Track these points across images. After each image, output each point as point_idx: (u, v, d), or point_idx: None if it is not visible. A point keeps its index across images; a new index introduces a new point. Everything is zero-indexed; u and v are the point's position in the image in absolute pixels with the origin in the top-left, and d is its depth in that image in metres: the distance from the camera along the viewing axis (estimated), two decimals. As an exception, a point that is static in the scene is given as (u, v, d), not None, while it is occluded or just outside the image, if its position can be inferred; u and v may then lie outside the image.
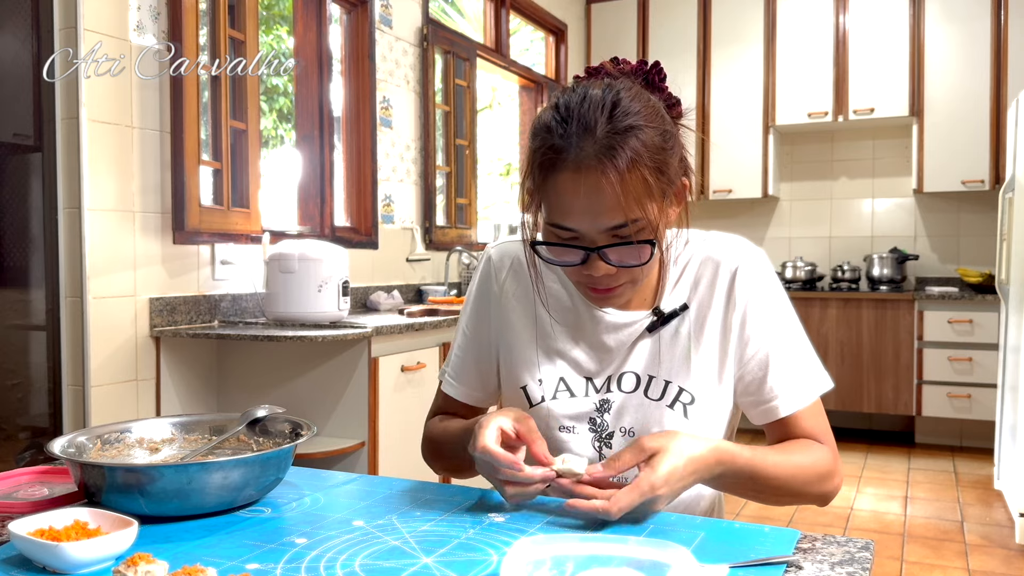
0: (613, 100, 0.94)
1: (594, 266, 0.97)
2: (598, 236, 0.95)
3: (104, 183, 2.37)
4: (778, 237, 5.33)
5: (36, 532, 0.78)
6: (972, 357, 4.38)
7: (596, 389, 1.10)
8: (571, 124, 0.94)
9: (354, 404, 2.56)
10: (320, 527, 0.88)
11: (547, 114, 0.97)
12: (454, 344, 1.22)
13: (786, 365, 1.06)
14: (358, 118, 3.52)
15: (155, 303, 2.53)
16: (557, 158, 0.94)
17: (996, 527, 3.29)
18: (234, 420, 1.12)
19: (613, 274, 0.98)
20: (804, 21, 4.88)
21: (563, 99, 0.97)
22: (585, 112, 0.93)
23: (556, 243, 0.98)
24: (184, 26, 2.54)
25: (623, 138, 0.92)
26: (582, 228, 0.95)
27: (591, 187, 0.92)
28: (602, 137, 0.92)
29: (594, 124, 0.93)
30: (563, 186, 0.94)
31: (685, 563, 0.69)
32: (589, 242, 0.96)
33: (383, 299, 3.40)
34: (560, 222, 0.96)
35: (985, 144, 4.53)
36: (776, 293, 1.09)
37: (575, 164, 0.93)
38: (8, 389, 2.33)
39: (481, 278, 1.19)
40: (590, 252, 0.96)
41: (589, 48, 5.44)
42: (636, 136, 0.93)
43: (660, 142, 0.96)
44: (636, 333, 1.08)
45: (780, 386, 1.05)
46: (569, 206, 0.94)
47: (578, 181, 0.93)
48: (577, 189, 0.93)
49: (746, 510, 3.39)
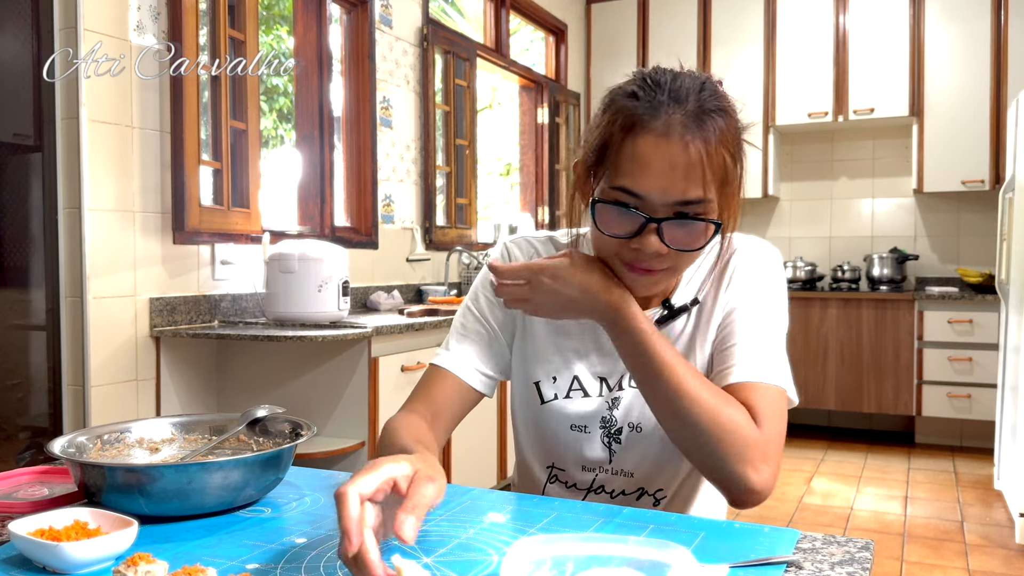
0: (703, 81, 0.95)
1: (647, 240, 0.93)
2: (662, 208, 0.92)
3: (104, 183, 2.37)
4: (778, 237, 5.33)
5: (36, 532, 0.78)
6: (972, 357, 4.38)
7: (609, 388, 1.10)
8: (661, 92, 0.93)
9: (354, 404, 2.56)
10: (320, 527, 0.88)
11: (631, 85, 0.96)
12: (455, 326, 1.15)
13: (754, 343, 1.01)
14: (358, 118, 3.52)
15: (155, 303, 2.53)
16: (643, 119, 0.92)
17: (996, 527, 3.28)
18: (234, 420, 1.11)
19: (663, 255, 0.95)
20: (804, 21, 4.88)
21: (649, 74, 0.96)
22: (677, 86, 0.93)
23: (618, 203, 0.94)
24: (184, 26, 2.54)
25: (712, 115, 0.92)
26: (653, 195, 0.92)
27: (673, 152, 0.90)
28: (693, 109, 0.91)
29: (686, 96, 0.92)
30: (645, 148, 0.91)
31: (685, 563, 0.69)
32: (652, 212, 0.93)
33: (383, 299, 3.40)
34: (630, 186, 0.92)
35: (985, 144, 4.53)
36: (770, 283, 1.05)
37: (663, 128, 0.91)
38: (8, 389, 2.33)
39: None
40: (651, 222, 0.93)
41: (589, 48, 5.45)
42: (724, 118, 0.93)
43: (738, 133, 0.96)
44: None
45: (742, 356, 1.00)
46: (646, 169, 0.91)
47: (659, 145, 0.91)
48: (659, 154, 0.91)
49: (746, 510, 3.38)
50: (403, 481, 0.74)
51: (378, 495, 0.73)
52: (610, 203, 0.94)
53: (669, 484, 1.10)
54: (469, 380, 1.10)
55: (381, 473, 0.73)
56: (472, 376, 1.11)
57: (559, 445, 1.11)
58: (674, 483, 1.10)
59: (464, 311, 1.16)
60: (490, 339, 1.13)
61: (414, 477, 0.75)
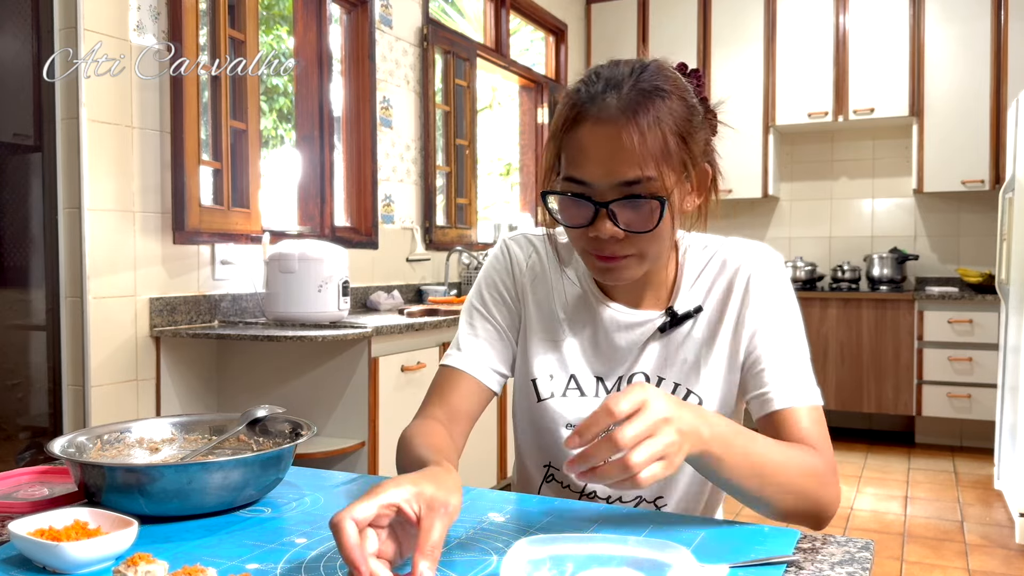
0: (642, 66, 0.97)
1: (601, 226, 0.95)
2: (609, 191, 0.94)
3: (104, 183, 2.37)
4: (778, 237, 5.33)
5: (36, 532, 0.78)
6: (972, 357, 4.38)
7: (607, 390, 1.09)
8: (598, 83, 0.95)
9: (354, 404, 2.56)
10: (320, 527, 0.88)
11: (577, 82, 0.99)
12: (463, 325, 1.14)
13: (785, 364, 1.02)
14: (358, 118, 3.52)
15: (155, 303, 2.52)
16: (581, 111, 0.95)
17: (996, 527, 3.28)
18: (234, 420, 1.11)
19: (620, 240, 0.96)
20: (804, 21, 4.88)
21: (595, 68, 0.99)
22: (613, 74, 0.96)
23: (565, 192, 0.97)
24: (184, 26, 2.54)
25: (648, 96, 0.93)
26: (596, 180, 0.94)
27: (610, 138, 0.92)
28: (627, 93, 0.93)
29: (621, 82, 0.94)
30: (583, 137, 0.94)
31: (685, 563, 0.69)
32: (599, 197, 0.95)
33: (383, 299, 3.40)
34: (574, 174, 0.95)
35: (985, 144, 4.53)
36: (787, 298, 1.06)
37: (596, 116, 0.93)
38: (8, 389, 2.33)
39: (500, 263, 1.16)
40: (599, 207, 0.95)
41: (589, 48, 5.44)
42: (661, 98, 0.94)
43: (685, 113, 0.96)
44: (648, 333, 1.07)
45: (776, 380, 1.01)
46: (585, 156, 0.94)
47: (598, 132, 0.93)
48: (596, 140, 0.93)
49: (746, 510, 3.38)
50: (407, 505, 0.72)
51: (380, 520, 0.72)
52: (559, 193, 0.98)
53: (669, 493, 1.09)
54: (484, 379, 1.10)
55: (381, 499, 0.71)
56: (487, 375, 1.11)
57: (555, 444, 1.11)
58: (674, 493, 1.09)
59: (470, 310, 1.15)
60: (500, 336, 1.13)
61: (428, 504, 0.72)
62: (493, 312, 1.13)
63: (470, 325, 1.14)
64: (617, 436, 0.74)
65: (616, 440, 0.74)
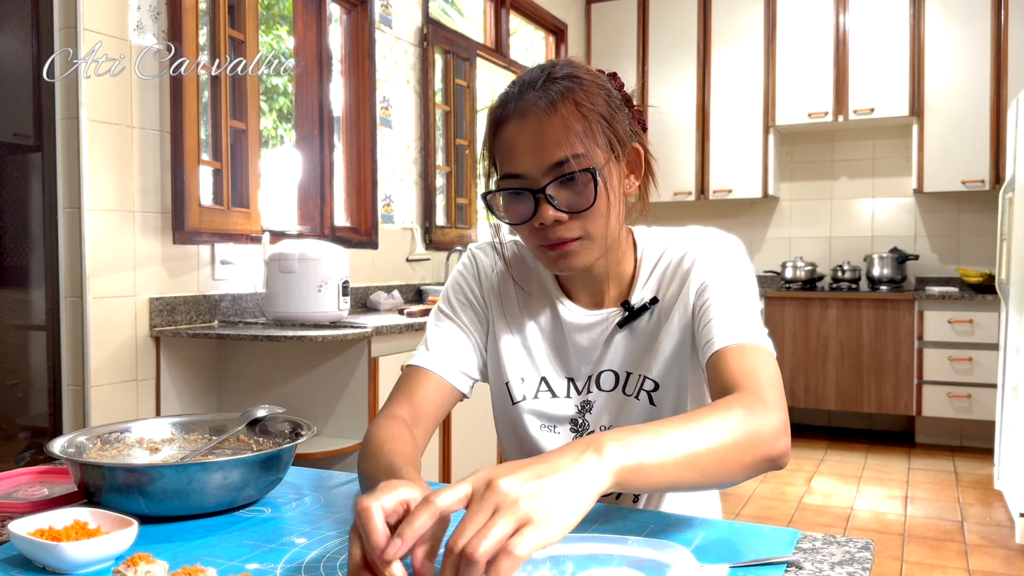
0: (553, 63, 1.03)
1: (543, 212, 0.97)
2: (542, 177, 0.97)
3: (104, 183, 2.37)
4: (778, 237, 5.33)
5: (36, 532, 0.78)
6: (972, 357, 4.38)
7: (578, 391, 1.11)
8: (515, 87, 1.01)
9: (354, 404, 2.56)
10: (320, 527, 0.88)
11: (501, 96, 1.04)
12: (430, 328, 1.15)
13: (729, 312, 0.99)
14: (358, 118, 3.52)
15: (155, 303, 2.52)
16: (503, 113, 1.00)
17: (996, 527, 3.28)
18: (234, 420, 1.12)
19: (565, 223, 0.98)
20: (804, 21, 4.88)
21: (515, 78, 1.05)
22: (528, 76, 1.01)
23: (504, 189, 1.00)
24: (184, 26, 2.54)
25: (562, 83, 0.98)
26: (528, 170, 0.98)
27: (534, 128, 0.97)
28: (542, 86, 0.98)
29: (535, 80, 1.00)
30: (509, 135, 0.99)
31: (685, 563, 0.69)
32: (535, 185, 0.98)
33: (383, 299, 3.40)
34: (508, 169, 0.99)
35: (985, 144, 4.53)
36: (732, 262, 1.04)
37: (518, 113, 0.98)
38: (8, 389, 2.33)
39: (468, 270, 1.17)
40: (536, 194, 0.97)
41: (589, 48, 5.44)
42: (575, 83, 0.98)
43: (602, 95, 1.00)
44: (608, 330, 1.09)
45: (719, 326, 0.97)
46: (514, 150, 0.98)
47: (522, 126, 0.98)
48: (522, 133, 0.98)
49: (746, 510, 3.38)
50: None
51: (392, 516, 0.71)
52: (498, 192, 1.01)
53: None
54: (450, 379, 1.10)
55: (399, 494, 0.72)
56: (453, 375, 1.11)
57: (532, 445, 1.12)
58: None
59: (436, 314, 1.17)
60: (466, 338, 1.14)
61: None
62: (460, 315, 1.15)
63: (437, 327, 1.14)
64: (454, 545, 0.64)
65: (454, 550, 0.63)
